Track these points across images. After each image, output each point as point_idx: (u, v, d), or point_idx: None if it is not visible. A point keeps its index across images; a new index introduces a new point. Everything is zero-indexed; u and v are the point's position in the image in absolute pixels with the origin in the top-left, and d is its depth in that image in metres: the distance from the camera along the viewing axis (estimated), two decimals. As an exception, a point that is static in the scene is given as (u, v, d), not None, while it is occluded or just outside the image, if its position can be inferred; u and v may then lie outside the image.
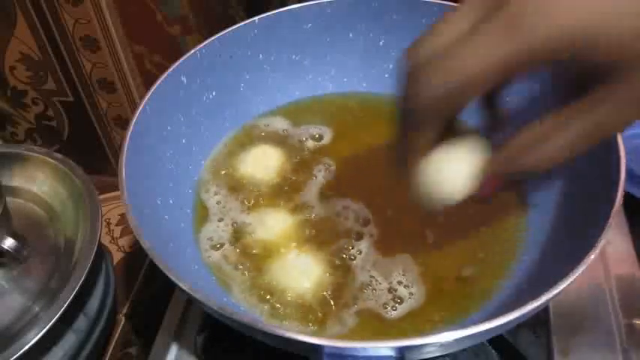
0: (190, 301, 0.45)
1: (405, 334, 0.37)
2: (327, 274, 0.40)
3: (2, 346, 0.36)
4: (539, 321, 0.42)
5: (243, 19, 0.48)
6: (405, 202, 0.33)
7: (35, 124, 0.66)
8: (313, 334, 0.36)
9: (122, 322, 0.49)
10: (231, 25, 0.48)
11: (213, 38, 0.47)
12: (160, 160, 0.44)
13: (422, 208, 0.33)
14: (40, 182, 0.47)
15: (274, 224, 0.44)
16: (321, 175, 0.47)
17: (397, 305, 0.39)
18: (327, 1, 0.50)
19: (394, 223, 0.44)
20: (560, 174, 0.42)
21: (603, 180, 0.36)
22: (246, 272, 0.41)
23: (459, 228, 0.43)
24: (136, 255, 0.56)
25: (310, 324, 0.38)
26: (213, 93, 0.49)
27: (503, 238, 0.42)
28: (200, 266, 0.41)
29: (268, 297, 0.39)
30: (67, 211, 0.45)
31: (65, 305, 0.37)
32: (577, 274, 0.30)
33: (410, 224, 0.44)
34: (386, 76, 0.53)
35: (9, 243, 0.41)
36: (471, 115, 0.50)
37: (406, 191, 0.33)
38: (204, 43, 0.47)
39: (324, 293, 0.39)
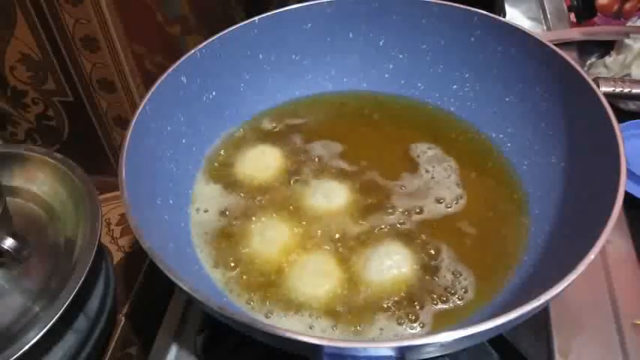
0: (190, 301, 0.45)
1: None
2: (330, 273, 0.40)
3: (2, 346, 0.36)
4: (539, 321, 0.42)
5: (243, 19, 0.48)
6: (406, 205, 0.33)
7: (35, 124, 0.65)
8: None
9: (122, 322, 0.49)
10: (231, 25, 0.48)
11: (213, 38, 0.47)
12: (159, 160, 0.44)
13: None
14: (40, 182, 0.47)
15: (274, 223, 0.44)
16: (321, 175, 0.47)
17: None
18: (327, 1, 0.50)
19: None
20: (561, 174, 0.42)
21: (603, 180, 0.36)
22: (246, 271, 0.41)
23: (461, 230, 0.43)
24: (136, 255, 0.55)
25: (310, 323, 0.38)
26: (213, 93, 0.49)
27: (505, 238, 0.42)
28: (200, 266, 0.41)
29: (269, 295, 0.39)
30: (67, 211, 0.45)
31: (65, 305, 0.37)
32: (577, 274, 0.30)
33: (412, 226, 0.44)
34: (386, 76, 0.53)
35: (9, 243, 0.41)
36: (471, 115, 0.50)
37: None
38: (204, 43, 0.47)
39: (330, 291, 0.39)
